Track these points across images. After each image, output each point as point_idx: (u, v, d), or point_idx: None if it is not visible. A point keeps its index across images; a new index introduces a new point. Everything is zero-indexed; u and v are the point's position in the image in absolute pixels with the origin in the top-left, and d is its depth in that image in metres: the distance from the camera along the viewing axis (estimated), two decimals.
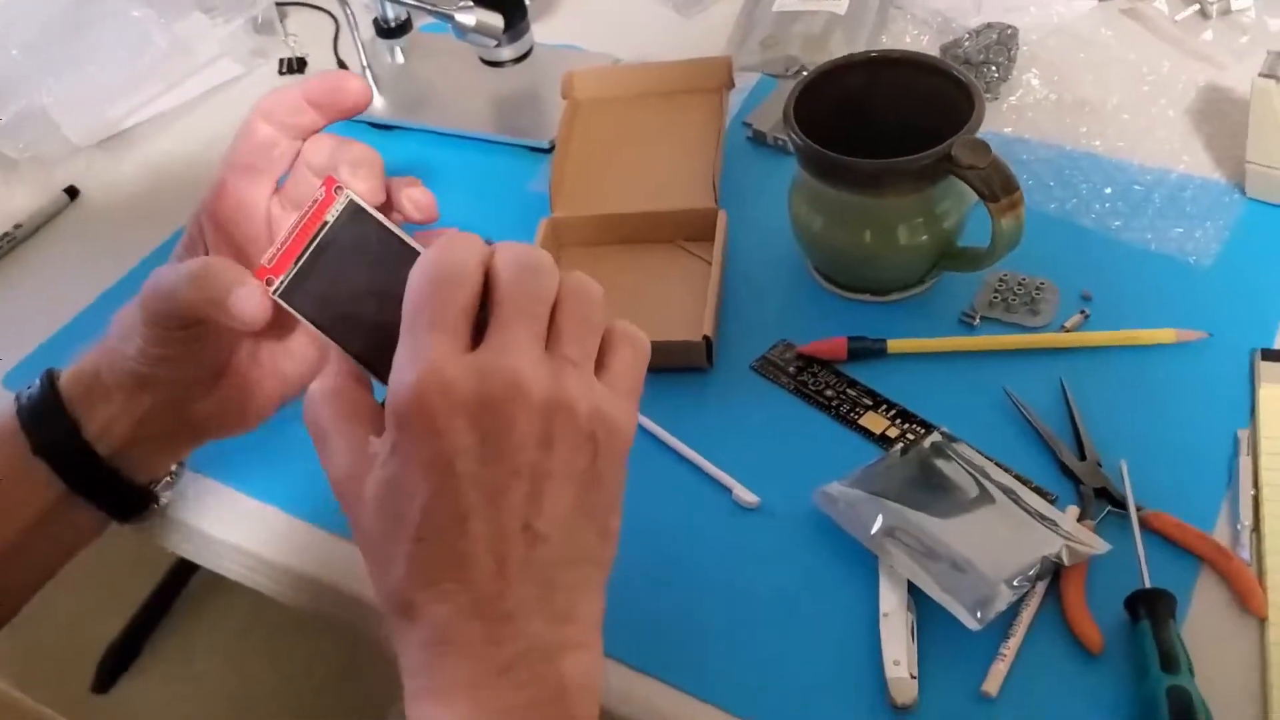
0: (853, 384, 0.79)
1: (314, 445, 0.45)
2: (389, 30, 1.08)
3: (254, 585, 0.79)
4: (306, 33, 1.23)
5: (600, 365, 0.44)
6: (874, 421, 0.77)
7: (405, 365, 0.40)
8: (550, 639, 0.41)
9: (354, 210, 0.48)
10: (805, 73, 1.06)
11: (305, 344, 0.60)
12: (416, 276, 0.42)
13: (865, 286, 0.85)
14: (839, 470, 0.72)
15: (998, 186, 0.73)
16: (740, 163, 0.98)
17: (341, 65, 1.16)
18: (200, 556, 0.80)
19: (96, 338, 0.60)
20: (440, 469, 0.39)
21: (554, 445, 0.40)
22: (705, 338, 0.79)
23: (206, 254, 0.57)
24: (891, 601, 0.66)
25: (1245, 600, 0.64)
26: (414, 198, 0.53)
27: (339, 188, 0.48)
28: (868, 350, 0.80)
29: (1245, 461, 0.70)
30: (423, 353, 0.40)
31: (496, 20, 0.96)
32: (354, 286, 0.48)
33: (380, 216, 0.49)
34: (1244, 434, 0.72)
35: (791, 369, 0.80)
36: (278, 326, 0.52)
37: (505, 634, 0.40)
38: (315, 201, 0.48)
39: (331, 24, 1.22)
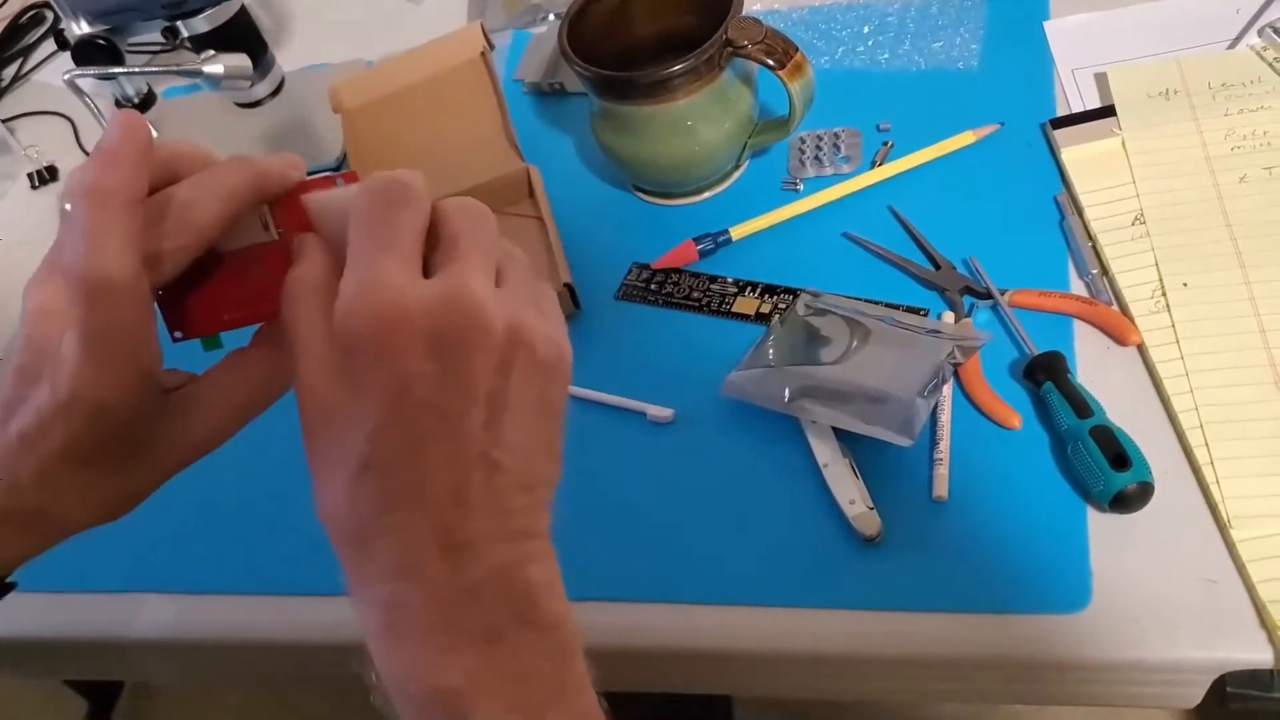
0: (713, 279, 0.82)
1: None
2: (134, 108, 1.04)
3: None
4: (45, 141, 1.17)
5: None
6: (745, 305, 0.80)
7: (357, 287, 0.38)
8: (512, 557, 0.41)
9: None
10: (552, 17, 1.08)
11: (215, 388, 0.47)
12: (364, 195, 0.40)
13: (689, 188, 0.88)
14: (732, 358, 0.76)
15: (780, 52, 0.77)
16: (525, 118, 1.00)
17: None
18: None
19: None
20: (393, 396, 0.38)
21: (511, 375, 0.40)
22: (566, 285, 0.81)
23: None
24: (826, 453, 0.70)
25: (1120, 336, 0.71)
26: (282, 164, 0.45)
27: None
28: (715, 244, 0.83)
29: (1073, 219, 0.77)
30: (377, 274, 0.38)
31: (244, 61, 0.95)
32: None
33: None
34: (1062, 197, 0.79)
35: (653, 285, 0.83)
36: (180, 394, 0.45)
37: (466, 559, 0.39)
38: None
39: (66, 124, 1.17)
